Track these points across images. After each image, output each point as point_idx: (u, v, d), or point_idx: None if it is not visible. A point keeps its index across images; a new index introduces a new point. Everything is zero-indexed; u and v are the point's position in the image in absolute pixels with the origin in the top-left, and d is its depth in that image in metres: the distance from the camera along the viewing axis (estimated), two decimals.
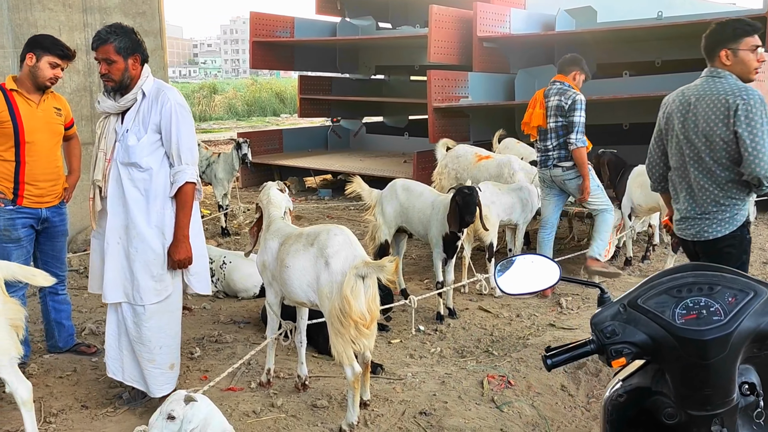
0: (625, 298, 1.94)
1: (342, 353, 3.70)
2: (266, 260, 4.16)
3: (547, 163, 6.01)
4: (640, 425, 2.08)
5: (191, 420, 2.86)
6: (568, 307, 5.82)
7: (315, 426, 3.87)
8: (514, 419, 3.94)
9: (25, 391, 3.42)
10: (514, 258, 2.09)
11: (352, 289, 3.59)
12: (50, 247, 4.61)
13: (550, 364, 1.96)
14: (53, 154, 4.50)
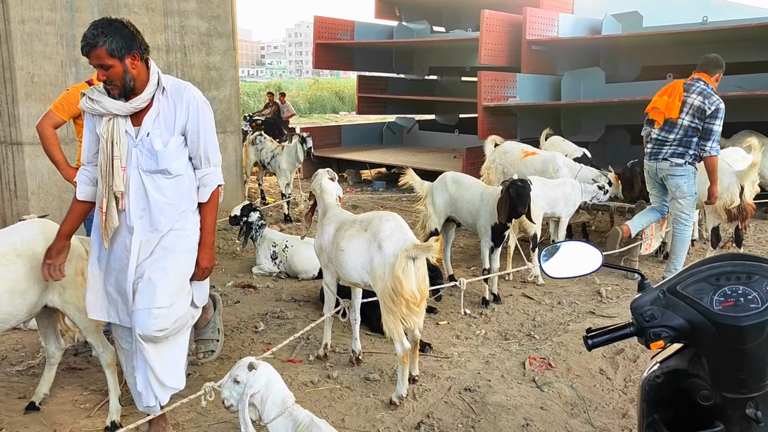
0: (665, 284, 1.91)
1: (393, 330, 3.74)
2: (323, 244, 4.22)
3: (657, 155, 5.66)
4: (676, 406, 2.05)
5: (252, 385, 2.93)
6: (608, 296, 5.73)
7: (367, 397, 3.92)
8: (554, 399, 3.91)
9: (109, 355, 3.56)
10: (559, 244, 2.08)
11: (404, 269, 3.62)
12: None
13: (590, 344, 1.95)
14: None
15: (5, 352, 4.46)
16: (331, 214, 4.26)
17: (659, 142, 5.67)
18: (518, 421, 3.62)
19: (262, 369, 2.98)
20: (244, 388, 2.93)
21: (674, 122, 5.54)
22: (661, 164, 5.69)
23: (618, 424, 3.65)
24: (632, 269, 2.09)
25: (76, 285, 3.39)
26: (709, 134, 5.45)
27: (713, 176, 5.59)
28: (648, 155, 5.78)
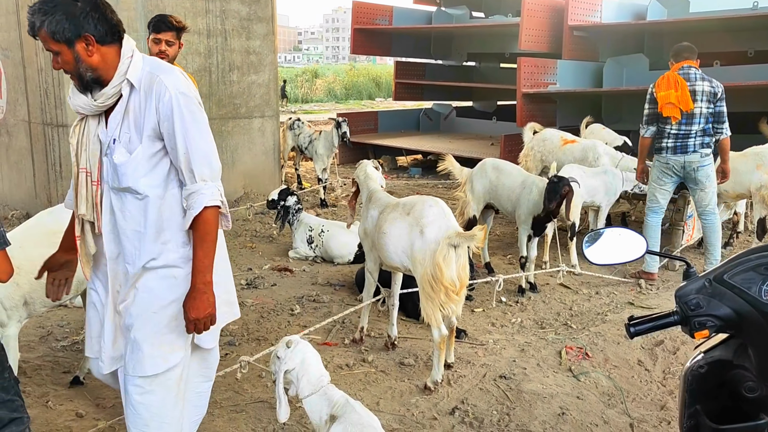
0: (711, 273, 1.88)
1: (431, 316, 3.74)
2: (367, 228, 4.25)
3: (686, 149, 5.48)
4: (719, 397, 2.02)
5: (287, 362, 2.99)
6: (648, 287, 5.64)
7: (402, 381, 3.94)
8: (591, 388, 3.88)
9: None
10: (602, 230, 2.06)
11: (445, 257, 3.60)
12: None
13: (633, 332, 1.93)
14: None
15: (51, 328, 4.60)
16: (376, 198, 4.28)
17: (683, 136, 5.49)
18: (554, 409, 3.61)
19: (299, 347, 3.03)
20: (281, 364, 2.99)
21: (692, 113, 5.43)
22: (690, 157, 5.51)
23: (656, 415, 3.61)
24: (678, 257, 2.06)
25: None
26: (722, 116, 5.48)
27: (726, 156, 5.65)
28: (672, 150, 5.53)
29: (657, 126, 5.58)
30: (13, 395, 2.39)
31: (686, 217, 6.17)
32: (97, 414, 3.48)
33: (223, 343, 4.40)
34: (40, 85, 7.00)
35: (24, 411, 2.45)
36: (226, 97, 8.28)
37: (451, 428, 3.43)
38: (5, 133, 7.71)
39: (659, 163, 5.67)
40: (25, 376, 3.81)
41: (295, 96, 33.74)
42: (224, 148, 8.35)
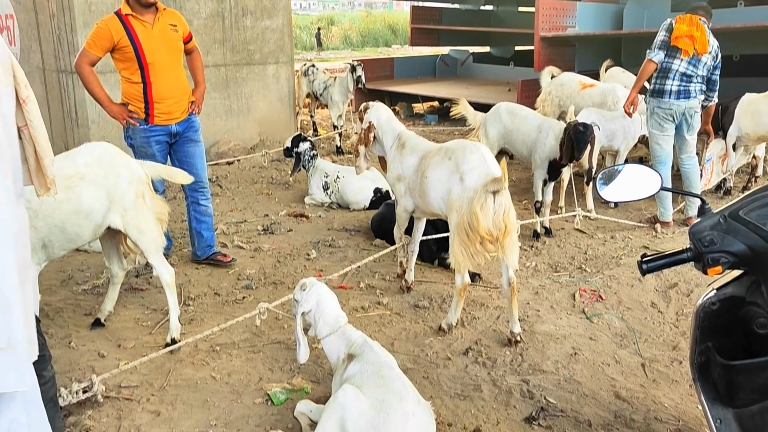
0: (726, 209, 1.86)
1: (460, 263, 3.62)
2: (401, 174, 4.10)
3: (688, 93, 5.35)
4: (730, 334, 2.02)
5: (303, 304, 3.03)
6: (663, 231, 5.60)
7: (416, 323, 3.98)
8: (603, 329, 3.90)
9: (169, 276, 3.69)
10: (616, 167, 2.03)
11: (482, 205, 3.46)
12: (183, 154, 4.57)
13: (645, 268, 1.92)
14: (175, 70, 4.41)
15: (71, 272, 4.68)
16: (412, 144, 4.13)
17: (687, 79, 5.32)
18: (566, 349, 3.63)
19: (313, 288, 3.06)
20: (298, 306, 3.04)
21: (701, 59, 5.30)
22: (691, 102, 5.40)
23: (668, 356, 3.62)
24: (693, 193, 2.04)
25: (137, 208, 3.49)
26: (715, 84, 5.46)
27: (710, 119, 5.80)
28: (676, 94, 5.35)
29: (665, 57, 5.34)
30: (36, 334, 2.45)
31: (705, 161, 6.07)
32: (119, 354, 3.56)
33: (240, 287, 4.47)
34: (53, 31, 6.95)
35: (45, 349, 2.50)
36: (240, 42, 8.17)
37: (465, 368, 3.47)
38: None
39: (660, 109, 5.47)
40: (47, 318, 3.89)
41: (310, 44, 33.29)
42: (239, 95, 8.30)
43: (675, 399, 3.21)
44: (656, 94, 5.47)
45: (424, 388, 3.23)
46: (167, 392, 3.19)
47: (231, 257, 4.86)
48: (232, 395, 3.18)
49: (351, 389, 2.57)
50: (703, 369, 2.06)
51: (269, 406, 3.09)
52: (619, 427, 2.96)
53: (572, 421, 3.00)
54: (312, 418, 2.88)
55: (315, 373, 3.40)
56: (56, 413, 2.53)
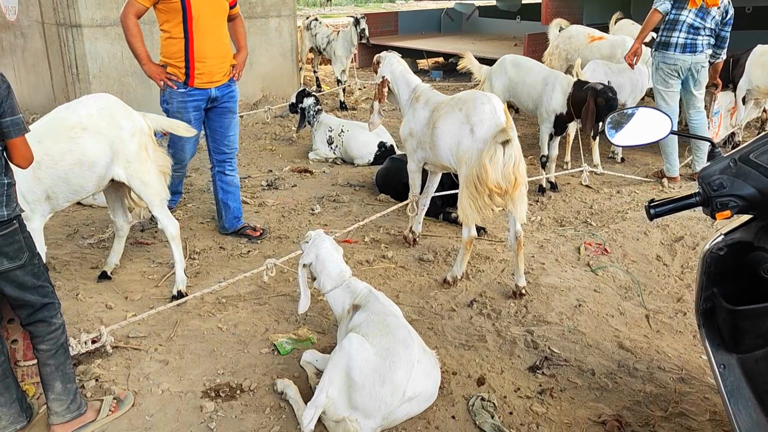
0: (737, 153, 1.83)
1: (468, 216, 3.58)
2: (413, 128, 4.03)
3: (695, 47, 5.21)
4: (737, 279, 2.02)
5: (304, 256, 3.05)
6: (670, 186, 5.57)
7: (421, 276, 4.00)
8: (608, 282, 3.91)
9: (174, 229, 3.70)
10: (627, 110, 2.00)
11: (491, 158, 3.38)
12: (218, 124, 4.35)
13: (653, 213, 1.91)
14: (220, 30, 4.18)
15: (77, 227, 4.69)
16: (426, 97, 4.04)
17: (694, 32, 5.17)
18: (570, 301, 3.65)
19: (314, 242, 3.07)
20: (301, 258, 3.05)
21: (710, 11, 5.14)
22: (698, 57, 5.27)
23: (672, 307, 3.64)
24: (703, 137, 2.01)
25: (140, 160, 3.48)
26: (725, 41, 5.32)
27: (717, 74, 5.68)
28: (682, 48, 5.22)
29: (672, 7, 5.21)
30: (43, 281, 2.46)
31: (712, 114, 6.00)
32: (126, 306, 3.59)
33: (245, 241, 4.48)
34: None
35: (55, 296, 2.52)
36: None
37: (469, 319, 3.49)
38: (20, 35, 7.61)
39: (665, 64, 5.34)
40: (54, 271, 3.92)
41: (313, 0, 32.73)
42: None
43: (678, 349, 3.23)
44: (661, 47, 5.34)
45: (429, 339, 3.26)
46: (175, 342, 3.23)
47: (261, 231, 4.56)
48: (238, 345, 3.21)
49: (356, 337, 2.60)
50: (708, 315, 2.06)
51: (275, 355, 3.13)
52: (622, 376, 2.99)
53: (576, 370, 3.03)
54: (318, 367, 2.91)
55: (320, 324, 3.43)
56: (67, 359, 2.56)
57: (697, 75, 5.38)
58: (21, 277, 2.37)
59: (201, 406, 2.74)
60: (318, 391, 2.54)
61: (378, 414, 2.51)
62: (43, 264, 2.51)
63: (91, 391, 2.84)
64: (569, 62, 7.03)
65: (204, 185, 5.66)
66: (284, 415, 2.70)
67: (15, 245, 2.32)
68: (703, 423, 2.68)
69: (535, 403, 2.79)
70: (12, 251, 2.32)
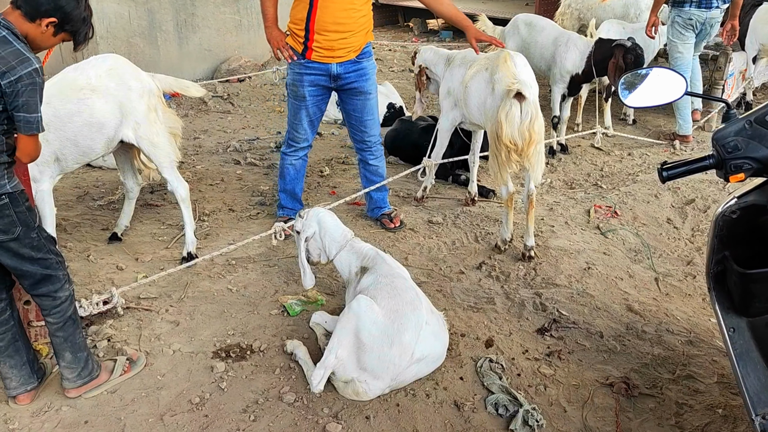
0: (753, 114, 1.80)
1: (496, 173, 3.61)
2: (451, 87, 4.03)
3: (710, 3, 5.24)
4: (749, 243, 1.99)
5: (306, 230, 3.04)
6: (682, 148, 5.50)
7: (430, 239, 3.99)
8: (618, 245, 3.89)
9: (183, 190, 3.69)
10: (640, 71, 1.96)
11: (507, 113, 3.38)
12: (350, 106, 3.89)
13: (665, 176, 1.88)
14: (351, 2, 3.57)
15: (87, 188, 4.70)
16: (461, 56, 4.03)
17: None
18: (580, 264, 3.64)
19: (311, 213, 3.07)
20: (302, 234, 3.05)
21: None
22: (713, 12, 5.28)
23: (682, 270, 3.62)
24: (718, 98, 1.97)
25: (149, 121, 3.46)
26: None
27: (737, 11, 5.36)
28: (697, 4, 5.26)
29: None
30: (45, 253, 2.41)
31: (727, 76, 5.88)
32: (137, 267, 3.61)
33: (254, 203, 4.48)
34: None
35: (60, 268, 2.48)
36: None
37: (478, 281, 3.49)
38: None
39: (681, 18, 5.38)
40: (65, 233, 3.94)
41: None
42: (249, 10, 8.07)
43: (687, 312, 3.22)
44: (677, 4, 5.38)
45: (438, 301, 3.27)
46: (185, 304, 3.26)
47: (399, 222, 4.14)
48: (248, 307, 3.23)
49: (365, 299, 2.60)
50: (719, 278, 2.05)
51: (285, 317, 3.15)
52: (631, 339, 2.99)
53: (584, 332, 3.04)
54: (327, 329, 2.93)
55: (330, 285, 3.45)
56: (76, 330, 2.55)
57: (710, 29, 5.41)
58: (17, 248, 2.35)
59: (212, 366, 2.77)
60: (327, 352, 2.56)
61: (387, 375, 2.54)
62: (47, 237, 2.46)
63: (104, 351, 2.87)
64: (582, 22, 6.89)
65: (213, 147, 5.64)
66: (294, 375, 2.72)
67: (5, 219, 2.29)
68: (711, 385, 2.69)
69: (543, 365, 2.81)
70: (3, 225, 2.29)
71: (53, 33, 2.31)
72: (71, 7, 2.29)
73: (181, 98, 6.61)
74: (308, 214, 3.12)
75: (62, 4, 2.26)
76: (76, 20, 2.32)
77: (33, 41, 2.28)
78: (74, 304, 2.56)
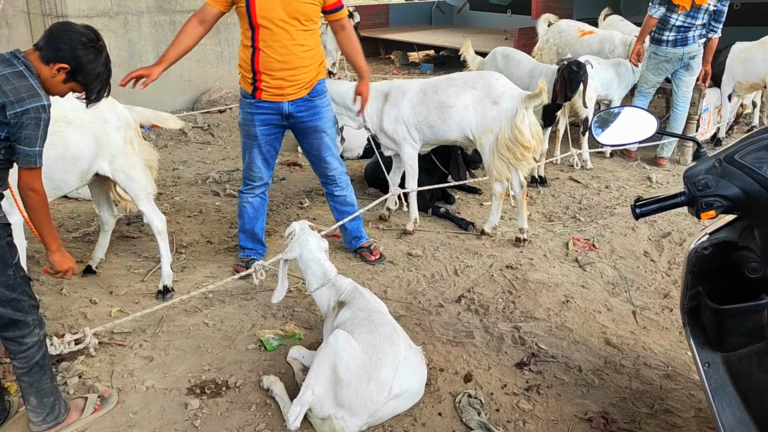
0: (722, 153, 1.84)
1: (501, 172, 4.20)
2: (399, 115, 4.30)
3: (686, 41, 5.51)
4: (722, 279, 2.02)
5: (287, 252, 3.04)
6: (658, 182, 5.59)
7: (409, 271, 3.99)
8: (596, 278, 3.92)
9: (160, 223, 3.66)
10: (612, 110, 2.00)
11: (523, 120, 4.03)
12: (306, 145, 3.87)
13: (638, 213, 1.91)
14: (292, 40, 3.50)
15: (62, 220, 4.65)
16: (395, 88, 4.36)
17: (684, 29, 5.49)
18: (558, 297, 3.66)
19: (298, 239, 3.06)
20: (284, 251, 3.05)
21: (700, 7, 5.38)
22: (689, 48, 5.56)
23: (659, 303, 3.65)
24: (688, 137, 2.01)
25: (125, 154, 3.44)
26: (722, 15, 5.48)
27: (710, 57, 5.73)
28: (673, 43, 5.56)
29: (665, 10, 5.49)
30: (20, 294, 2.34)
31: (701, 111, 6.01)
32: (111, 301, 3.56)
33: (233, 235, 4.46)
34: None
35: (32, 313, 2.40)
36: None
37: (457, 315, 3.50)
38: (5, 25, 7.52)
39: (656, 55, 5.71)
40: (38, 265, 3.88)
41: None
42: (230, 41, 8.13)
43: (665, 345, 3.25)
44: (654, 42, 5.69)
45: (417, 335, 3.26)
46: (160, 338, 3.21)
47: (379, 255, 4.13)
48: (224, 341, 3.20)
49: (342, 334, 2.59)
50: (693, 314, 2.07)
51: (262, 351, 3.12)
52: (609, 373, 3.00)
53: (563, 366, 3.04)
54: (304, 364, 2.90)
55: (307, 319, 3.43)
56: (42, 376, 2.47)
57: (689, 61, 5.64)
58: None
59: (186, 403, 2.73)
60: (304, 388, 2.53)
61: (364, 411, 2.51)
62: (23, 276, 2.40)
63: (74, 388, 2.82)
64: (560, 56, 7.02)
65: (191, 178, 5.63)
66: (270, 412, 2.69)
67: None
68: (688, 420, 2.69)
69: (521, 399, 2.80)
70: None
71: (64, 80, 2.33)
72: (88, 59, 2.31)
73: (161, 129, 6.60)
74: (297, 237, 3.09)
75: (79, 53, 2.28)
76: (89, 73, 2.33)
77: (44, 83, 2.30)
78: (43, 349, 2.47)
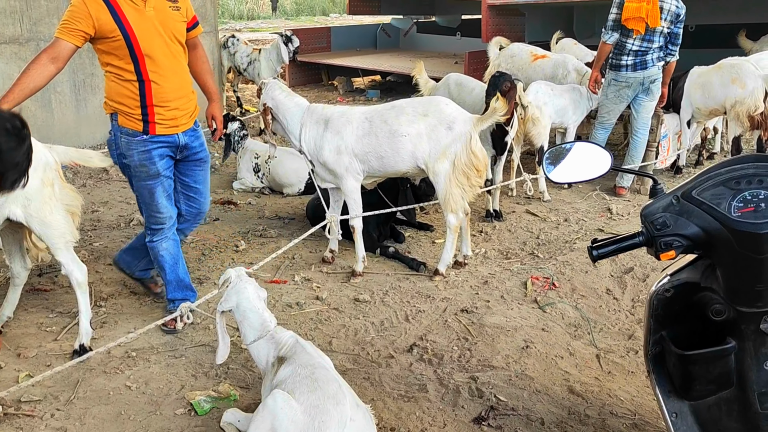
0: (679, 189, 1.88)
1: (458, 202, 4.29)
2: (341, 145, 4.33)
3: (645, 64, 5.75)
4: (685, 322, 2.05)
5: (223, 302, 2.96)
6: (619, 213, 5.71)
7: (357, 319, 3.95)
8: (557, 320, 3.95)
9: (81, 274, 3.54)
10: (564, 146, 2.03)
11: (476, 143, 4.23)
12: (191, 178, 3.82)
13: (596, 255, 1.93)
14: (178, 64, 3.57)
15: None
16: (337, 114, 4.39)
17: (642, 53, 5.73)
18: (517, 343, 3.66)
19: (234, 288, 2.97)
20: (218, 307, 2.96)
21: (655, 30, 5.63)
22: (649, 71, 5.78)
23: (624, 345, 3.70)
24: (644, 173, 2.07)
25: (42, 198, 3.32)
26: (677, 38, 5.72)
27: (667, 79, 6.00)
28: (632, 68, 5.79)
29: (619, 35, 5.73)
30: None
31: (660, 137, 6.21)
32: (19, 365, 3.41)
33: (159, 284, 4.34)
34: None
35: None
36: None
37: (409, 366, 3.46)
38: None
39: (617, 81, 5.89)
40: None
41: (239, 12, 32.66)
42: None
43: (631, 391, 3.27)
44: (613, 68, 5.89)
45: (365, 390, 3.21)
46: (75, 406, 3.08)
47: (159, 289, 4.15)
48: (150, 406, 3.09)
49: (281, 395, 2.52)
50: (657, 360, 2.09)
51: (192, 416, 3.02)
52: (573, 424, 3.01)
53: (524, 419, 3.03)
54: (240, 428, 2.82)
55: (243, 378, 3.34)
56: None
57: (649, 86, 5.85)
58: None
59: None
60: None
61: None
62: None
63: None
64: None
65: (113, 221, 5.49)
66: None
67: None
68: None
69: None
70: None
71: None
72: (8, 146, 2.22)
73: (79, 166, 6.44)
74: (233, 285, 3.00)
75: (0, 140, 2.19)
76: (6, 161, 2.24)
77: None
78: None
